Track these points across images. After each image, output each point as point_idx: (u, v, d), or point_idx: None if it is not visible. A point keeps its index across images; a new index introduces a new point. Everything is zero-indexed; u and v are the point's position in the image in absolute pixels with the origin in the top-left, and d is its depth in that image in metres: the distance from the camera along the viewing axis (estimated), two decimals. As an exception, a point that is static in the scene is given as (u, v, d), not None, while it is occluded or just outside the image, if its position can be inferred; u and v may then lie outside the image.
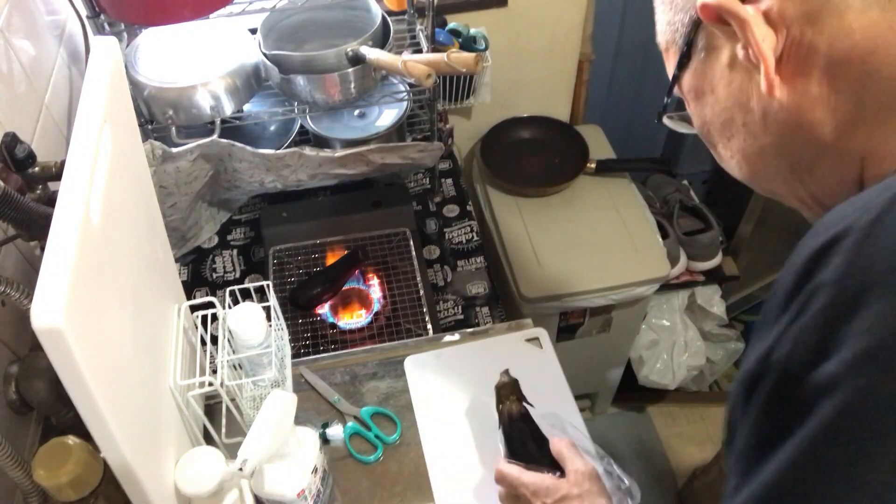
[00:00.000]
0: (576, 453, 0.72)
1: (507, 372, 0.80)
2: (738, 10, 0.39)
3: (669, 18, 0.47)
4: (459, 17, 1.51)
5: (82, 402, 0.52)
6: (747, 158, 0.46)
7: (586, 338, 1.63)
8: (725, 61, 0.44)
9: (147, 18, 1.03)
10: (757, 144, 0.45)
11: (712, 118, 0.47)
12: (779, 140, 0.43)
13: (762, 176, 0.47)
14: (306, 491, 0.73)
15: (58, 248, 0.50)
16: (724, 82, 0.44)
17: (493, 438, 0.88)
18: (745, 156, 0.46)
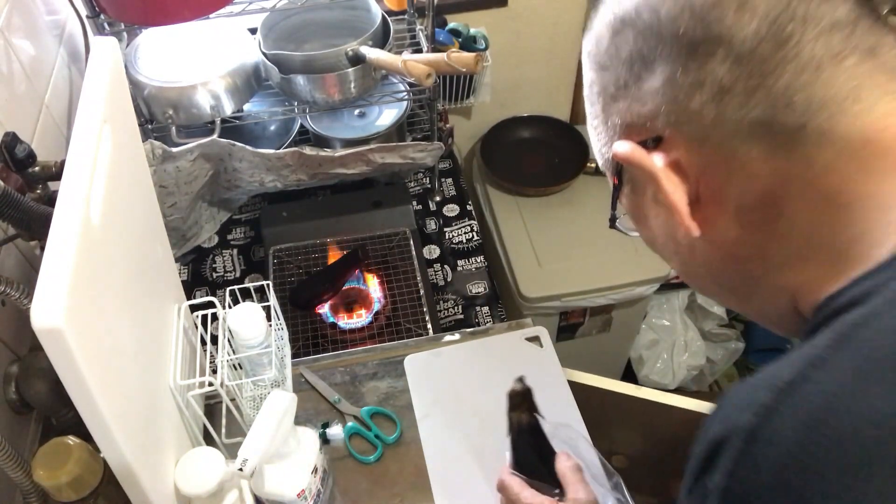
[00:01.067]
0: (579, 479, 0.69)
1: (522, 379, 0.75)
2: (646, 164, 0.41)
3: (599, 148, 0.49)
4: (459, 17, 1.51)
5: (82, 402, 0.52)
6: (688, 278, 0.47)
7: (586, 338, 1.63)
8: (650, 196, 0.44)
9: (147, 18, 1.03)
10: (691, 271, 0.46)
11: (652, 241, 0.48)
12: (711, 270, 0.44)
13: (705, 292, 0.48)
14: (306, 491, 0.73)
15: (58, 248, 0.50)
16: (653, 214, 0.45)
17: (493, 438, 0.88)
18: (686, 275, 0.47)
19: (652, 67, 0.40)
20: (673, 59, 0.39)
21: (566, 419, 0.90)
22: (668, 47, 0.39)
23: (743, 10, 0.36)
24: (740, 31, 0.36)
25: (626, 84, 0.42)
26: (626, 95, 0.42)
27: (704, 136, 0.38)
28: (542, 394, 0.87)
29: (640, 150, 0.41)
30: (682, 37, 0.38)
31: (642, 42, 0.40)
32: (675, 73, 0.39)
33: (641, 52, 0.40)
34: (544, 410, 0.75)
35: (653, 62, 0.40)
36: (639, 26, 0.40)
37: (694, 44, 0.37)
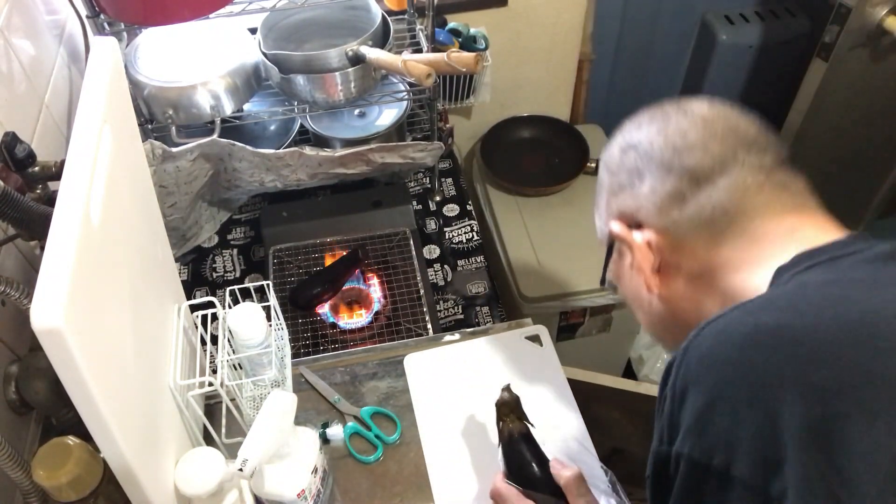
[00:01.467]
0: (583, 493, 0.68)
1: (509, 388, 0.76)
2: (627, 238, 0.61)
3: (600, 226, 0.68)
4: (459, 16, 1.51)
5: (82, 402, 0.52)
6: (649, 326, 0.65)
7: (586, 338, 1.63)
8: (628, 263, 0.63)
9: (147, 18, 1.03)
10: (651, 319, 0.64)
11: (626, 297, 0.66)
12: (662, 319, 0.62)
13: (659, 338, 0.66)
14: (306, 491, 0.73)
15: (58, 248, 0.50)
16: (628, 277, 0.63)
17: (493, 438, 0.88)
18: (647, 324, 0.65)
19: (643, 179, 0.59)
20: (657, 176, 0.58)
21: (566, 418, 0.90)
22: (655, 168, 0.58)
23: (705, 151, 0.57)
24: (701, 165, 0.56)
25: (623, 186, 0.61)
26: (624, 193, 0.61)
27: (667, 228, 0.58)
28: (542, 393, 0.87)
29: (627, 230, 0.61)
30: (664, 164, 0.58)
31: (640, 161, 0.60)
32: (656, 185, 0.58)
33: (638, 167, 0.60)
34: (544, 411, 0.75)
35: (643, 175, 0.59)
36: (639, 151, 0.60)
37: (670, 168, 0.57)
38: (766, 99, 1.96)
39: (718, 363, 0.44)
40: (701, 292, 0.57)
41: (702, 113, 0.60)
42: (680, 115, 0.60)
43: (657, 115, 0.62)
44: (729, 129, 0.58)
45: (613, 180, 0.63)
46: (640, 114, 0.65)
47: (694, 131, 0.58)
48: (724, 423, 0.42)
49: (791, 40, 1.85)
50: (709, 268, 0.56)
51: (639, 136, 0.61)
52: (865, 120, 1.61)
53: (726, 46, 1.84)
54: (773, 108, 1.99)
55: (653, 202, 0.58)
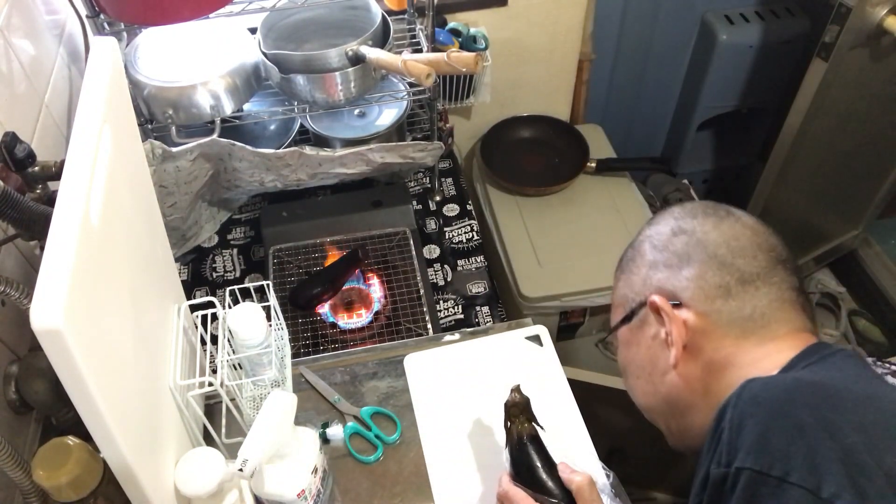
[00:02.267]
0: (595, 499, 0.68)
1: (519, 389, 0.74)
2: (671, 313, 0.64)
3: (626, 293, 0.71)
4: (459, 16, 1.51)
5: (82, 402, 0.52)
6: (644, 395, 0.70)
7: (586, 338, 1.63)
8: (651, 334, 0.67)
9: (147, 18, 1.03)
10: (653, 389, 0.68)
11: (630, 362, 0.71)
12: (668, 393, 0.66)
13: (650, 408, 0.70)
14: (306, 491, 0.73)
15: (57, 248, 0.50)
16: (646, 346, 0.68)
17: (493, 438, 0.88)
18: (644, 392, 0.70)
19: (692, 264, 0.65)
20: (707, 265, 0.64)
21: (566, 418, 0.90)
22: (707, 258, 0.64)
23: (755, 259, 0.63)
24: (750, 269, 0.63)
25: (671, 265, 0.66)
26: (668, 271, 0.66)
27: (708, 314, 0.63)
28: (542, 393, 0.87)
29: (669, 305, 0.64)
30: (718, 256, 0.64)
31: (691, 247, 0.66)
32: (706, 273, 0.64)
33: (688, 252, 0.65)
34: (544, 410, 0.74)
35: (693, 261, 0.65)
36: (692, 238, 0.66)
37: (723, 263, 0.63)
38: (766, 99, 1.96)
39: (770, 401, 0.53)
40: (713, 377, 0.63)
41: (750, 224, 0.67)
42: (732, 219, 0.67)
43: (710, 210, 0.68)
44: (771, 245, 0.65)
45: (658, 256, 0.68)
46: (690, 204, 0.71)
47: (745, 238, 0.65)
48: (781, 443, 0.50)
49: (791, 40, 1.85)
50: (729, 357, 0.62)
51: (693, 225, 0.67)
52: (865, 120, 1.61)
53: (726, 46, 1.84)
54: (773, 108, 1.99)
55: (701, 287, 0.63)
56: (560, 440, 0.87)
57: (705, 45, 1.90)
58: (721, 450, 0.53)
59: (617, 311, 0.73)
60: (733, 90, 1.94)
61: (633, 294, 0.70)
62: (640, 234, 0.73)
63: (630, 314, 0.69)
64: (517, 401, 0.73)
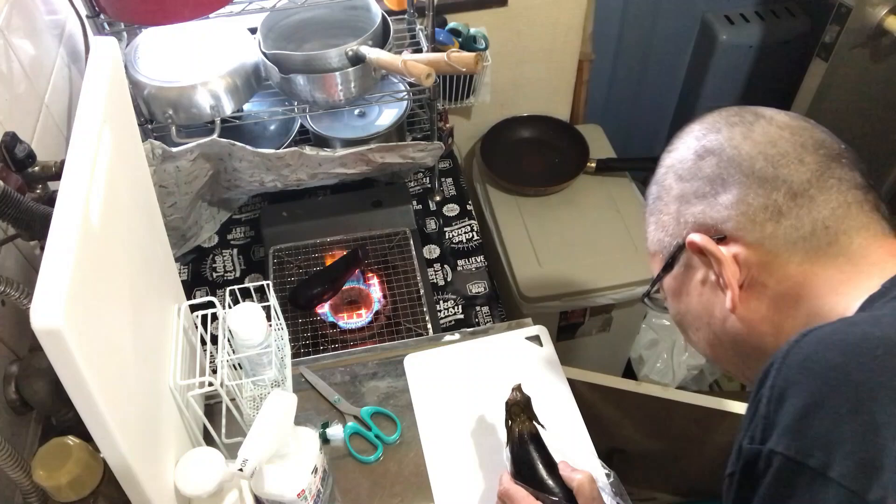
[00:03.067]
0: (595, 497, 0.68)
1: (520, 388, 0.74)
2: (716, 252, 0.55)
3: (660, 237, 0.62)
4: (459, 16, 1.51)
5: (82, 402, 0.52)
6: (710, 346, 0.61)
7: (586, 338, 1.63)
8: (700, 278, 0.59)
9: (147, 18, 1.03)
10: (717, 340, 0.60)
11: (685, 314, 0.62)
12: (734, 340, 0.58)
13: (720, 359, 0.62)
14: (306, 491, 0.73)
15: (58, 248, 0.50)
16: (697, 293, 0.59)
17: (493, 438, 0.88)
18: (709, 344, 0.61)
19: (728, 188, 0.55)
20: (747, 185, 0.54)
21: (566, 418, 0.90)
22: (744, 177, 0.55)
23: (801, 163, 0.54)
24: (798, 177, 0.53)
25: (704, 195, 0.57)
26: (703, 202, 0.57)
27: (760, 243, 0.54)
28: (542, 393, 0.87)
29: (712, 242, 0.55)
30: (757, 172, 0.54)
31: (723, 168, 0.56)
32: (747, 195, 0.54)
33: (721, 175, 0.56)
34: (544, 410, 0.74)
35: (730, 184, 0.55)
36: (722, 157, 0.56)
37: (764, 178, 0.54)
38: (766, 99, 1.96)
39: (822, 368, 0.43)
40: (784, 314, 0.54)
41: (787, 122, 0.57)
42: (763, 122, 0.57)
43: (735, 119, 0.58)
44: (818, 142, 0.55)
45: (686, 187, 0.58)
46: (710, 116, 0.60)
47: (783, 141, 0.55)
48: (825, 426, 0.41)
49: (791, 40, 1.85)
50: (799, 287, 0.53)
51: (719, 141, 0.57)
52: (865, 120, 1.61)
53: (726, 46, 1.84)
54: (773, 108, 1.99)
55: (744, 213, 0.54)
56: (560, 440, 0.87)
57: (705, 45, 1.90)
58: (757, 423, 0.45)
59: (655, 260, 0.63)
60: (733, 90, 1.94)
61: (669, 237, 0.60)
62: (660, 165, 0.63)
63: (671, 261, 0.60)
64: (518, 399, 0.73)
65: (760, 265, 0.54)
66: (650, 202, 0.63)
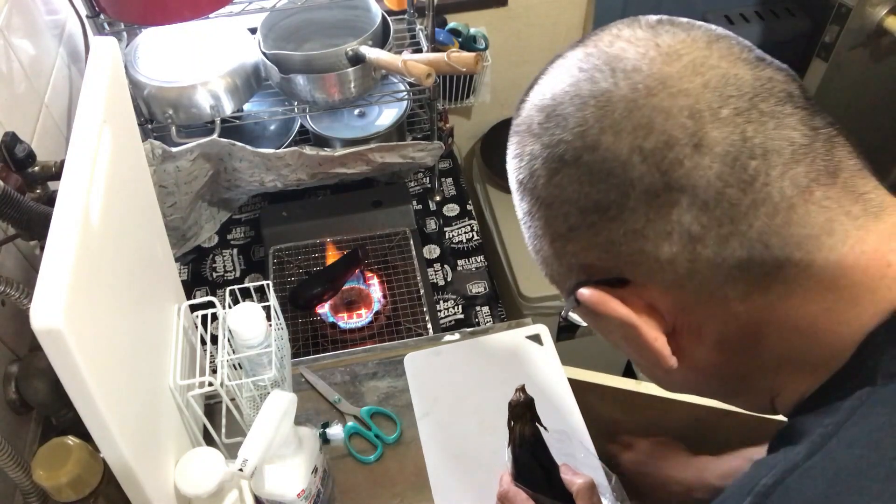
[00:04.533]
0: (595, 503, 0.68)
1: (524, 389, 0.73)
2: (621, 314, 0.39)
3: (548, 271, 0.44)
4: (459, 16, 1.51)
5: (82, 402, 0.52)
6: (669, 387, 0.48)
7: (586, 337, 1.63)
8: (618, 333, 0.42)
9: (147, 18, 1.03)
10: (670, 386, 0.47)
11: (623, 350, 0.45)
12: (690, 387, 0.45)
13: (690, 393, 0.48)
14: (306, 491, 0.73)
15: (57, 248, 0.50)
16: (620, 338, 0.43)
17: (493, 438, 0.88)
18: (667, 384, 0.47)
19: (608, 215, 0.37)
20: (632, 207, 0.36)
21: (567, 418, 0.90)
22: (623, 195, 0.36)
23: (700, 151, 0.34)
24: (702, 177, 0.35)
25: (577, 227, 0.39)
26: (580, 238, 0.39)
27: (680, 284, 0.37)
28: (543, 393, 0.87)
29: (610, 299, 0.39)
30: (638, 183, 0.36)
31: (589, 186, 0.37)
32: (637, 223, 0.36)
33: (591, 196, 0.37)
34: (544, 410, 0.74)
35: (607, 209, 0.37)
36: (581, 168, 0.37)
37: (653, 192, 0.35)
38: (766, 99, 1.95)
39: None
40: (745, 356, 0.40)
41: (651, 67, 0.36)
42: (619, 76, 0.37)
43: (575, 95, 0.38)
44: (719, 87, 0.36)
45: (553, 216, 0.40)
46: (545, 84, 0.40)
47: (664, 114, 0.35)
48: None
49: (791, 40, 1.85)
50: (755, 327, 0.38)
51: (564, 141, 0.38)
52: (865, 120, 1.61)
53: (726, 46, 1.84)
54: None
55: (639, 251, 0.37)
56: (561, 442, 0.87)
57: (705, 44, 1.90)
58: None
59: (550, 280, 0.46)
60: (733, 90, 1.94)
61: (556, 274, 0.44)
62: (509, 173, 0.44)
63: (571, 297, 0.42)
64: (521, 400, 0.73)
65: (689, 309, 0.39)
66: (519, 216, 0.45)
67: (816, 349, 0.37)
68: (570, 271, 0.42)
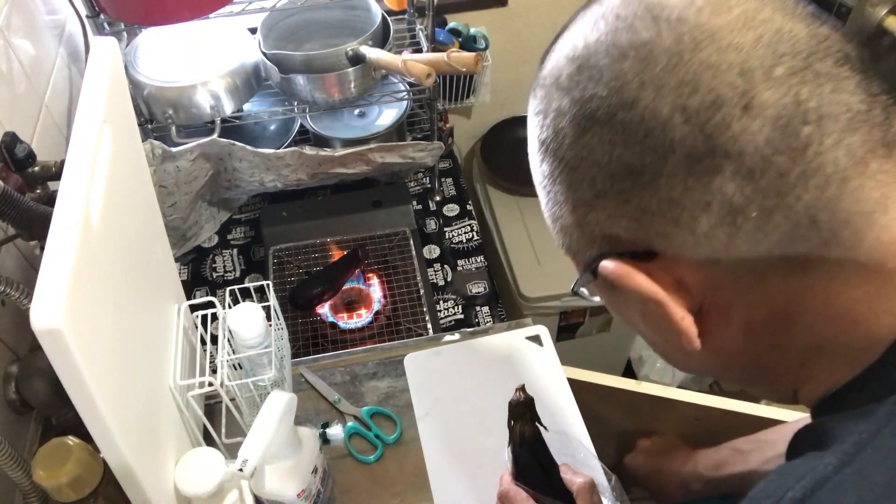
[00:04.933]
0: (595, 502, 0.68)
1: (524, 388, 0.73)
2: (647, 290, 0.36)
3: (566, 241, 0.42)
4: (459, 16, 1.51)
5: (82, 402, 0.52)
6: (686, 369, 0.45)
7: (586, 337, 1.63)
8: (637, 310, 0.39)
9: (147, 18, 1.03)
10: (688, 368, 0.44)
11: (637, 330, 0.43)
12: (709, 371, 0.43)
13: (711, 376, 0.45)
14: (306, 491, 0.73)
15: (57, 248, 0.50)
16: (639, 315, 0.40)
17: (493, 438, 0.88)
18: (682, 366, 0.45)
19: (642, 180, 0.34)
20: (669, 173, 0.33)
21: (567, 418, 0.90)
22: (660, 158, 0.33)
23: (749, 113, 0.31)
24: (749, 142, 0.31)
25: (605, 193, 0.36)
26: (607, 206, 0.36)
27: (714, 259, 0.34)
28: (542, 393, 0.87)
29: (636, 273, 0.36)
30: (678, 146, 0.33)
31: (622, 148, 0.34)
32: (674, 191, 0.33)
33: (623, 159, 0.34)
34: (544, 410, 0.74)
35: (641, 174, 0.34)
36: (614, 127, 0.34)
37: (694, 156, 0.32)
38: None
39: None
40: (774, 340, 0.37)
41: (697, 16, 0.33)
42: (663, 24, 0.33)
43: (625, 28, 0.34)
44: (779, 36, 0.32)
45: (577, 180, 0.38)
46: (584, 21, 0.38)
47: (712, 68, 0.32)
48: None
49: (791, 40, 1.85)
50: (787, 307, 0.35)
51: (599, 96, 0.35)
52: (865, 120, 1.61)
53: (726, 46, 1.84)
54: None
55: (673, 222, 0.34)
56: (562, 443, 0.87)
57: (705, 45, 1.90)
58: None
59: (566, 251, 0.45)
60: (733, 90, 1.94)
61: (575, 244, 0.42)
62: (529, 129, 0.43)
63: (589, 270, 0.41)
64: (521, 400, 0.73)
65: (720, 288, 0.36)
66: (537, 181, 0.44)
67: (851, 340, 0.34)
68: (591, 242, 0.39)
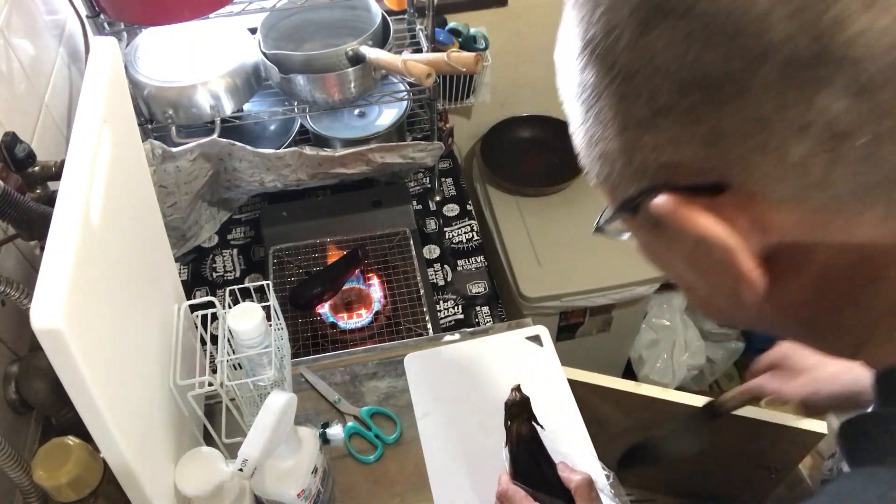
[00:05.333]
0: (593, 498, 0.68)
1: (520, 388, 0.74)
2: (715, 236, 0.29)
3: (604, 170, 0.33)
4: (459, 16, 1.51)
5: (82, 402, 0.52)
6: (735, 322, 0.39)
7: (586, 337, 1.63)
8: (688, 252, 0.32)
9: (147, 18, 1.03)
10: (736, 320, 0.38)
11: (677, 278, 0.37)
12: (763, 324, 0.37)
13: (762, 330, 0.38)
14: (306, 491, 0.73)
15: (57, 248, 0.50)
16: (684, 260, 0.33)
17: (493, 438, 0.88)
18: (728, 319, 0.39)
19: (722, 94, 0.26)
20: (760, 85, 0.26)
21: (567, 418, 0.90)
22: (751, 65, 0.25)
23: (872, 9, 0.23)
24: (871, 46, 0.24)
25: (669, 109, 0.28)
26: (670, 126, 0.28)
27: (803, 196, 0.28)
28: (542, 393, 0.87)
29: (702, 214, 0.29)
30: (777, 49, 0.25)
31: (700, 50, 0.26)
32: (764, 108, 0.26)
33: (700, 65, 0.26)
34: (544, 410, 0.75)
35: (722, 85, 0.26)
36: (692, 22, 0.26)
37: (797, 63, 0.25)
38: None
39: None
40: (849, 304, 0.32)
41: None
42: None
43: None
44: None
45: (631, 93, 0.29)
46: None
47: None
48: None
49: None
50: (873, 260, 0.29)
51: None
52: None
53: (726, 46, 1.84)
54: None
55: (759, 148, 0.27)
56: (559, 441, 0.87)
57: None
58: None
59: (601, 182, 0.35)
60: (733, 90, 1.94)
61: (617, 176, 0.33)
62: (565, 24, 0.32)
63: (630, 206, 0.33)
64: (517, 400, 0.73)
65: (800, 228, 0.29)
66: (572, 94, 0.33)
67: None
68: (641, 172, 0.31)
